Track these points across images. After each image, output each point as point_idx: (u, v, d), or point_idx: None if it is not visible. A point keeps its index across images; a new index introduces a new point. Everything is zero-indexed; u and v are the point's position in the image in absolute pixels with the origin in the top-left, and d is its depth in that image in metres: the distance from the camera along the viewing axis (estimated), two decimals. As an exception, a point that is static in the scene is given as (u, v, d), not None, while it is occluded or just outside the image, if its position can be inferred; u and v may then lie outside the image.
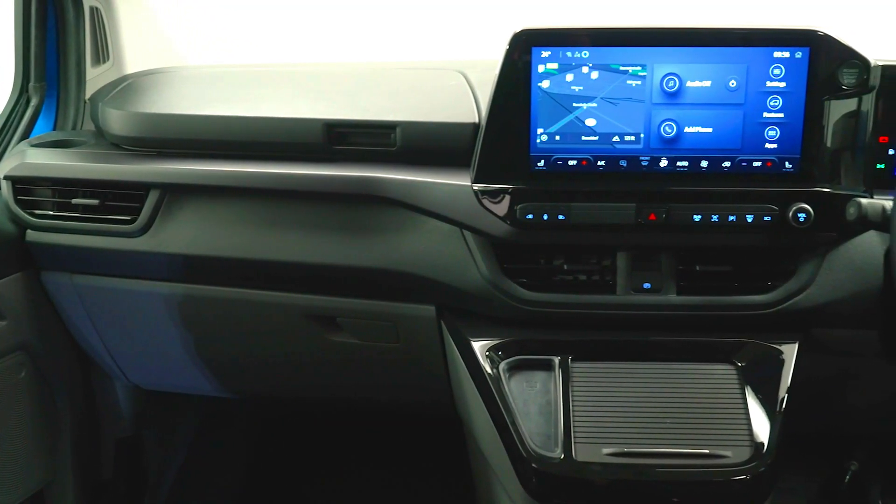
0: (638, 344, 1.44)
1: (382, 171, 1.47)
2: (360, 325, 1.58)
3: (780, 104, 1.37)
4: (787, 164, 1.39)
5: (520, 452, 1.32)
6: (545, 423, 1.35)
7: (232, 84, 1.74)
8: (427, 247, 1.46)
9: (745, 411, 1.34)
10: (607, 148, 1.40)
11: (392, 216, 1.47)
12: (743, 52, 1.35)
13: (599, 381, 1.39)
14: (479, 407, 1.42)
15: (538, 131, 1.39)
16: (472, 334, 1.46)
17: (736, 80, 1.36)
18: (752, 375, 1.38)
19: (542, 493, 1.32)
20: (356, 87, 1.66)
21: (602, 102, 1.38)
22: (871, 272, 1.40)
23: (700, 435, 1.32)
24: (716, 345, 1.43)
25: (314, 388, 1.83)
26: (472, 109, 1.49)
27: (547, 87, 1.37)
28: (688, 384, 1.38)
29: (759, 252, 1.44)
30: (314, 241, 1.51)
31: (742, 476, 1.28)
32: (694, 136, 1.38)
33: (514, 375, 1.41)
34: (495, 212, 1.40)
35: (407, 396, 1.76)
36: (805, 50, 1.34)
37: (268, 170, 1.51)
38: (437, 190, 1.44)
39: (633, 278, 1.44)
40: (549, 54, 1.36)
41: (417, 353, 1.58)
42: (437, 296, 1.50)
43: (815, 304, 1.41)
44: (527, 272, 1.45)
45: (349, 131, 1.51)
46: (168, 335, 1.70)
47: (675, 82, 1.36)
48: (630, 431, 1.33)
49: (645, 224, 1.39)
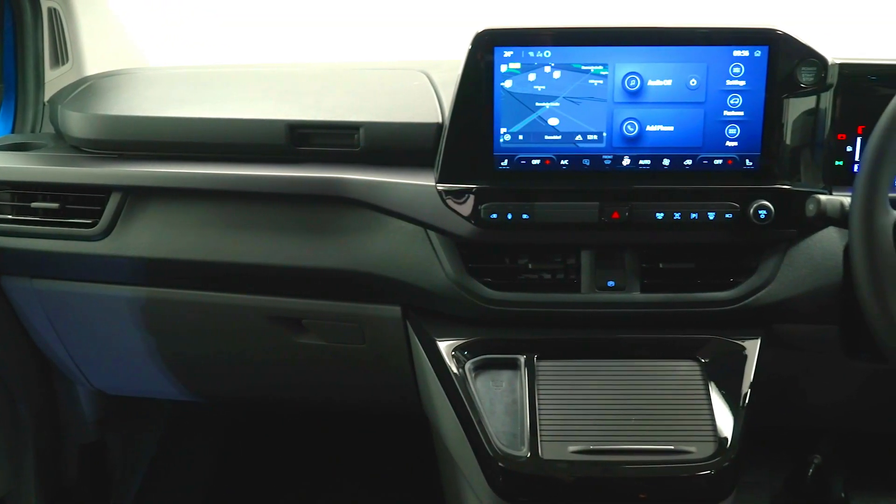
0: (603, 342, 1.45)
1: (346, 171, 1.46)
2: (326, 327, 1.58)
3: (741, 102, 1.38)
4: (747, 161, 1.40)
5: (486, 451, 1.32)
6: (511, 422, 1.35)
7: (194, 85, 1.73)
8: (391, 247, 1.46)
9: (709, 407, 1.35)
10: (570, 147, 1.40)
11: (356, 217, 1.47)
12: (703, 51, 1.36)
13: (565, 379, 1.40)
14: (446, 407, 1.42)
15: (501, 131, 1.39)
16: (438, 334, 1.46)
17: (696, 79, 1.37)
18: (716, 371, 1.40)
19: (508, 491, 1.33)
20: (319, 88, 1.65)
21: (564, 102, 1.38)
22: (831, 268, 1.42)
23: (665, 431, 1.33)
24: (679, 342, 1.44)
25: (280, 390, 1.82)
26: (436, 109, 1.49)
27: (510, 86, 1.37)
28: (652, 381, 1.39)
29: (722, 249, 1.45)
30: (278, 242, 1.51)
31: (706, 471, 1.29)
32: (656, 135, 1.39)
33: (480, 375, 1.41)
34: (459, 211, 1.41)
35: (374, 397, 1.76)
36: (764, 49, 1.36)
37: (231, 171, 1.50)
38: (401, 190, 1.43)
39: (597, 276, 1.44)
40: (511, 54, 1.36)
41: (383, 353, 1.57)
42: (402, 296, 1.50)
43: (776, 300, 1.43)
44: (491, 271, 1.45)
45: (312, 132, 1.51)
46: (131, 339, 1.69)
47: (636, 81, 1.37)
48: (595, 429, 1.33)
49: (608, 222, 1.40)
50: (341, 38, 2.25)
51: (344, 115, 1.52)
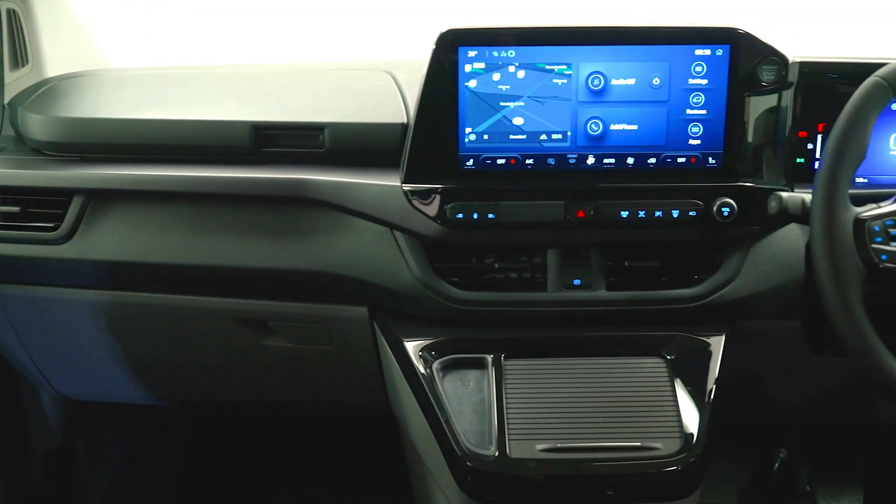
0: (569, 340, 1.46)
1: (311, 172, 1.46)
2: (293, 329, 1.57)
3: (703, 101, 1.39)
4: (710, 159, 1.41)
5: (454, 451, 1.32)
6: (479, 422, 1.35)
7: (157, 87, 1.71)
8: (358, 248, 1.46)
9: (675, 403, 1.36)
10: (535, 146, 1.41)
11: (322, 218, 1.46)
12: (665, 50, 1.37)
13: (532, 377, 1.40)
14: (414, 407, 1.42)
15: (466, 130, 1.39)
16: (405, 334, 1.46)
17: (659, 78, 1.38)
18: (681, 368, 1.41)
19: (477, 490, 1.33)
20: (284, 89, 1.65)
21: (529, 101, 1.39)
22: (794, 264, 1.43)
23: (631, 428, 1.34)
24: (645, 339, 1.45)
25: (248, 393, 1.81)
26: (401, 110, 1.49)
27: (474, 86, 1.38)
28: (619, 378, 1.40)
29: (686, 246, 1.46)
30: (243, 244, 1.50)
31: (673, 467, 1.30)
32: (620, 134, 1.40)
33: (448, 374, 1.41)
34: (425, 212, 1.41)
35: (341, 398, 1.76)
36: (726, 47, 1.37)
37: (195, 173, 1.49)
38: (367, 191, 1.43)
39: (563, 275, 1.45)
40: (475, 54, 1.36)
41: (351, 354, 1.57)
42: (369, 297, 1.49)
43: (740, 296, 1.44)
44: (458, 271, 1.45)
45: (277, 133, 1.50)
46: (96, 344, 1.67)
47: (600, 80, 1.38)
48: (563, 427, 1.34)
49: (574, 221, 1.41)
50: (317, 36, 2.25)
51: (309, 115, 1.51)
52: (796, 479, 2.19)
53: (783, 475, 2.17)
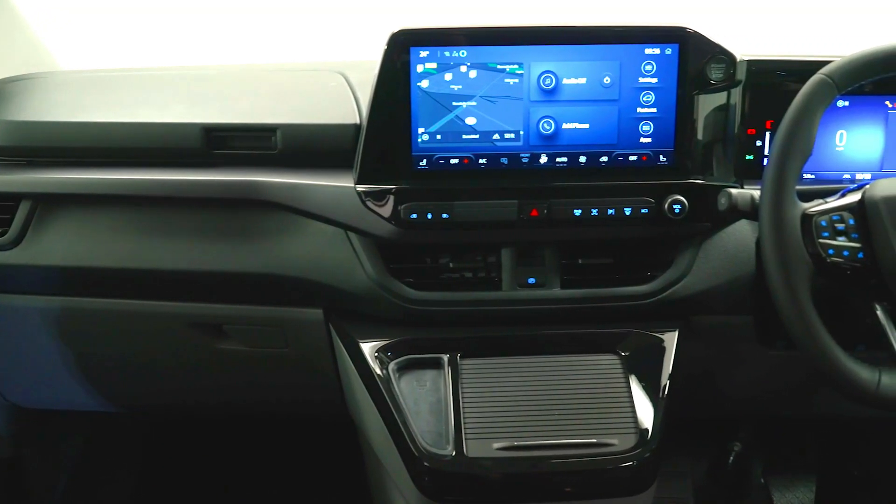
0: (525, 338, 1.46)
1: (263, 174, 1.45)
2: (248, 332, 1.56)
3: (653, 99, 1.41)
4: (661, 157, 1.43)
5: (411, 451, 1.32)
6: (436, 422, 1.35)
7: (106, 89, 1.69)
8: (312, 250, 1.45)
9: (630, 400, 1.37)
10: (488, 146, 1.41)
11: (275, 220, 1.45)
12: (615, 49, 1.38)
13: (488, 376, 1.40)
14: (370, 408, 1.41)
15: (419, 131, 1.40)
16: (361, 336, 1.46)
17: (610, 77, 1.39)
18: (636, 364, 1.42)
19: (434, 490, 1.33)
20: (235, 90, 1.63)
21: (481, 101, 1.39)
22: (744, 260, 1.45)
23: (587, 425, 1.35)
24: (600, 336, 1.46)
25: (204, 397, 1.79)
26: (353, 110, 1.49)
27: (426, 86, 1.38)
28: (574, 375, 1.41)
29: (639, 244, 1.48)
30: (196, 248, 1.48)
31: (628, 462, 1.31)
32: (572, 133, 1.41)
33: (404, 375, 1.41)
34: (379, 212, 1.40)
35: (298, 401, 1.75)
36: (674, 46, 1.39)
37: (145, 176, 1.47)
38: (320, 192, 1.43)
39: (517, 274, 1.46)
40: (427, 54, 1.36)
41: (307, 357, 1.56)
42: (324, 299, 1.49)
43: (692, 292, 1.46)
44: (413, 272, 1.45)
45: (228, 135, 1.49)
46: (46, 351, 1.64)
47: (551, 80, 1.39)
48: (519, 425, 1.34)
49: (527, 220, 1.41)
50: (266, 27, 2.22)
51: (260, 117, 1.50)
52: (751, 471, 2.22)
53: (738, 468, 2.20)
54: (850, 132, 1.48)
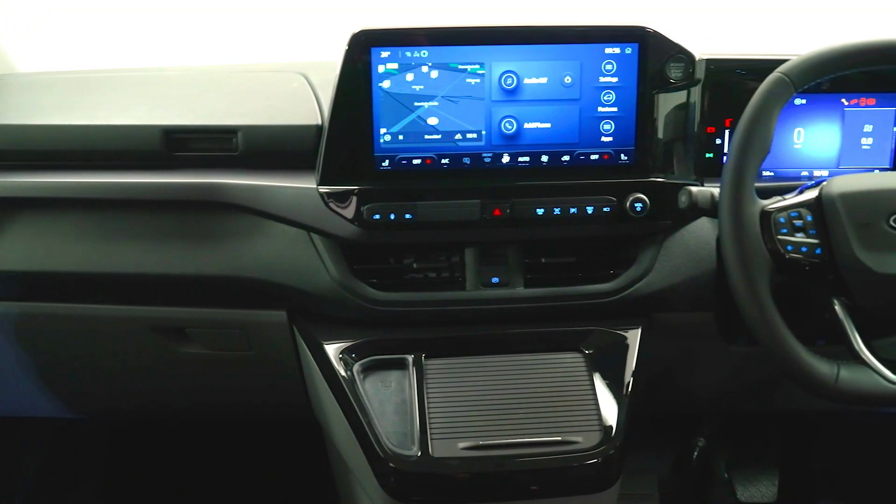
0: (489, 338, 1.47)
1: (225, 176, 1.44)
2: (210, 335, 1.55)
3: (614, 98, 1.41)
4: (622, 156, 1.44)
5: (377, 452, 1.32)
6: (401, 422, 1.35)
7: (65, 91, 1.67)
8: (275, 252, 1.44)
9: (594, 397, 1.38)
10: (450, 146, 1.41)
11: (237, 222, 1.44)
12: (576, 48, 1.39)
13: (453, 376, 1.40)
14: (335, 410, 1.41)
15: (381, 131, 1.39)
16: (325, 337, 1.45)
17: (571, 77, 1.40)
18: (599, 362, 1.43)
19: (400, 491, 1.33)
20: (195, 92, 1.62)
21: (443, 101, 1.39)
22: (705, 257, 1.47)
23: (552, 423, 1.35)
24: (564, 334, 1.47)
25: (167, 401, 1.78)
26: (315, 111, 1.48)
27: (388, 86, 1.38)
28: (539, 374, 1.41)
29: (601, 242, 1.49)
30: (157, 251, 1.47)
31: (593, 460, 1.32)
32: (533, 132, 1.42)
33: (369, 376, 1.41)
34: (342, 213, 1.40)
35: (263, 404, 1.74)
36: (634, 46, 1.40)
37: (104, 179, 1.45)
38: (283, 194, 1.42)
39: (481, 273, 1.46)
40: (388, 54, 1.36)
41: (271, 359, 1.55)
42: (287, 301, 1.48)
43: (655, 289, 1.47)
44: (377, 272, 1.45)
45: (189, 137, 1.48)
46: (5, 357, 1.62)
47: (512, 80, 1.39)
48: (485, 424, 1.34)
49: (490, 219, 1.41)
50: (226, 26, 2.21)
51: (221, 118, 1.49)
52: (715, 466, 2.25)
53: (702, 463, 2.22)
54: (808, 130, 1.50)
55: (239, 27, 2.17)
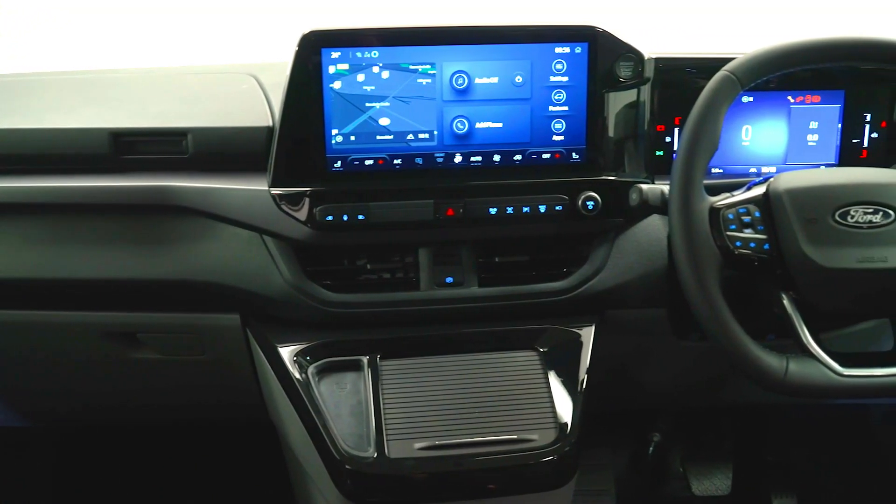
0: (444, 337, 1.47)
1: (175, 179, 1.43)
2: (162, 340, 1.53)
3: (565, 98, 1.42)
4: (574, 154, 1.45)
5: (332, 455, 1.32)
6: (357, 424, 1.35)
7: (9, 94, 1.64)
8: (227, 254, 1.43)
9: (549, 395, 1.39)
10: (402, 146, 1.41)
11: (188, 225, 1.43)
12: (526, 48, 1.40)
13: (409, 377, 1.40)
14: (290, 413, 1.40)
15: (333, 132, 1.39)
16: (279, 340, 1.45)
17: (521, 76, 1.41)
18: (554, 360, 1.44)
19: (356, 493, 1.32)
20: (144, 94, 1.60)
21: (394, 101, 1.39)
22: (657, 254, 1.48)
23: (508, 421, 1.36)
24: (518, 333, 1.47)
25: (120, 407, 1.75)
26: (266, 113, 1.47)
27: (339, 87, 1.37)
28: (494, 373, 1.42)
29: (554, 241, 1.49)
30: (107, 255, 1.45)
31: (549, 457, 1.32)
32: (485, 132, 1.42)
33: (324, 378, 1.40)
34: (295, 215, 1.39)
35: (218, 408, 1.72)
36: (584, 45, 1.40)
37: (51, 184, 1.43)
38: (234, 196, 1.41)
39: (435, 273, 1.46)
40: (338, 55, 1.36)
41: (225, 363, 1.54)
42: (240, 304, 1.47)
43: (607, 287, 1.48)
44: (330, 274, 1.45)
45: (137, 140, 1.46)
46: None
47: (464, 80, 1.39)
48: (441, 424, 1.34)
49: (444, 219, 1.42)
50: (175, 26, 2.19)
51: (170, 121, 1.47)
52: (670, 460, 2.27)
53: (658, 458, 2.24)
54: (755, 127, 1.52)
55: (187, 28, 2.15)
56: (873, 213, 1.23)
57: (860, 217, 1.23)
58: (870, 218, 1.23)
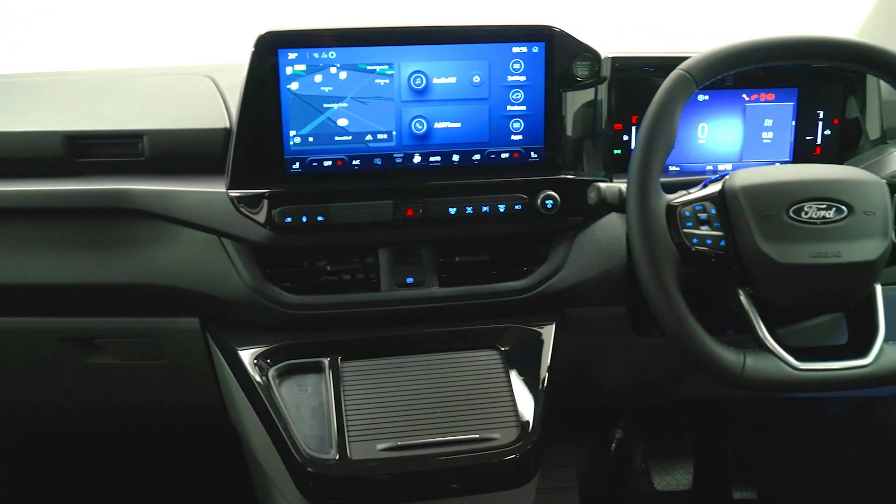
0: (405, 338, 1.47)
1: (131, 182, 1.41)
2: (121, 345, 1.51)
3: (523, 97, 1.43)
4: (532, 154, 1.45)
5: (294, 457, 1.31)
6: (319, 426, 1.34)
7: None
8: (185, 258, 1.42)
9: (511, 393, 1.39)
10: (361, 147, 1.41)
11: (146, 228, 1.42)
12: (484, 48, 1.40)
13: (370, 378, 1.40)
14: (252, 416, 1.39)
15: (291, 133, 1.38)
16: (240, 343, 1.44)
17: (479, 76, 1.41)
18: (515, 358, 1.44)
19: (318, 495, 1.32)
20: (99, 96, 1.58)
21: (353, 102, 1.39)
22: (616, 252, 1.49)
23: (470, 421, 1.36)
24: (479, 332, 1.48)
25: (78, 415, 1.73)
26: (223, 114, 1.46)
27: (296, 88, 1.36)
28: (456, 373, 1.42)
29: (514, 240, 1.50)
30: (63, 260, 1.43)
31: (511, 455, 1.33)
32: (444, 132, 1.42)
33: (285, 381, 1.40)
34: (253, 217, 1.38)
35: (178, 413, 1.70)
36: (541, 45, 1.41)
37: (5, 188, 1.41)
38: (192, 199, 1.40)
39: (395, 274, 1.46)
40: (295, 56, 1.35)
41: (184, 367, 1.53)
42: (199, 307, 1.46)
43: (567, 285, 1.49)
44: (290, 276, 1.44)
45: (92, 142, 1.44)
46: None
47: (422, 80, 1.39)
48: (403, 425, 1.34)
49: (403, 220, 1.42)
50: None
51: (126, 123, 1.46)
52: (632, 457, 2.29)
53: (619, 454, 2.26)
54: (711, 125, 1.54)
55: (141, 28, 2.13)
56: (827, 209, 1.25)
57: (814, 213, 1.25)
58: (823, 214, 1.25)
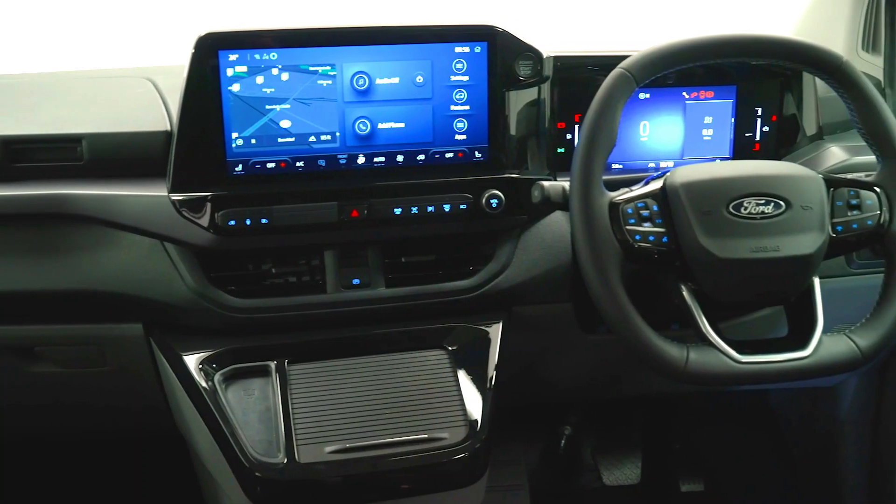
0: (352, 340, 1.46)
1: (70, 186, 1.39)
2: (62, 353, 1.48)
3: (466, 97, 1.43)
4: (476, 153, 1.46)
5: (241, 462, 1.30)
6: (266, 430, 1.33)
7: None
8: (127, 263, 1.40)
9: (459, 393, 1.39)
10: (304, 148, 1.40)
11: (85, 234, 1.39)
12: (426, 48, 1.40)
13: (318, 380, 1.39)
14: (198, 422, 1.38)
15: (233, 136, 1.37)
16: (184, 348, 1.42)
17: (422, 76, 1.41)
18: (463, 357, 1.44)
19: (267, 500, 1.31)
20: (35, 100, 1.55)
21: (295, 103, 1.38)
22: (561, 250, 1.50)
23: (419, 421, 1.36)
24: (427, 332, 1.48)
25: (19, 424, 1.69)
26: (163, 117, 1.44)
27: (238, 90, 1.35)
28: (404, 373, 1.42)
29: (460, 239, 1.50)
30: (1, 267, 1.40)
31: (460, 454, 1.33)
32: (388, 132, 1.42)
33: (231, 385, 1.38)
34: (196, 221, 1.37)
35: (123, 420, 1.68)
36: (483, 45, 1.42)
37: None
38: (132, 203, 1.38)
39: (341, 275, 1.45)
40: (237, 57, 1.34)
41: (128, 374, 1.50)
42: (142, 313, 1.44)
43: (513, 283, 1.49)
44: (235, 279, 1.43)
45: (29, 147, 1.41)
46: None
47: (364, 80, 1.39)
48: (351, 427, 1.34)
49: (348, 221, 1.41)
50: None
51: (64, 127, 1.44)
52: (582, 453, 2.31)
53: (569, 450, 2.27)
54: (653, 123, 1.55)
55: (75, 31, 2.10)
56: (765, 205, 1.27)
57: (753, 208, 1.27)
58: (762, 209, 1.27)
